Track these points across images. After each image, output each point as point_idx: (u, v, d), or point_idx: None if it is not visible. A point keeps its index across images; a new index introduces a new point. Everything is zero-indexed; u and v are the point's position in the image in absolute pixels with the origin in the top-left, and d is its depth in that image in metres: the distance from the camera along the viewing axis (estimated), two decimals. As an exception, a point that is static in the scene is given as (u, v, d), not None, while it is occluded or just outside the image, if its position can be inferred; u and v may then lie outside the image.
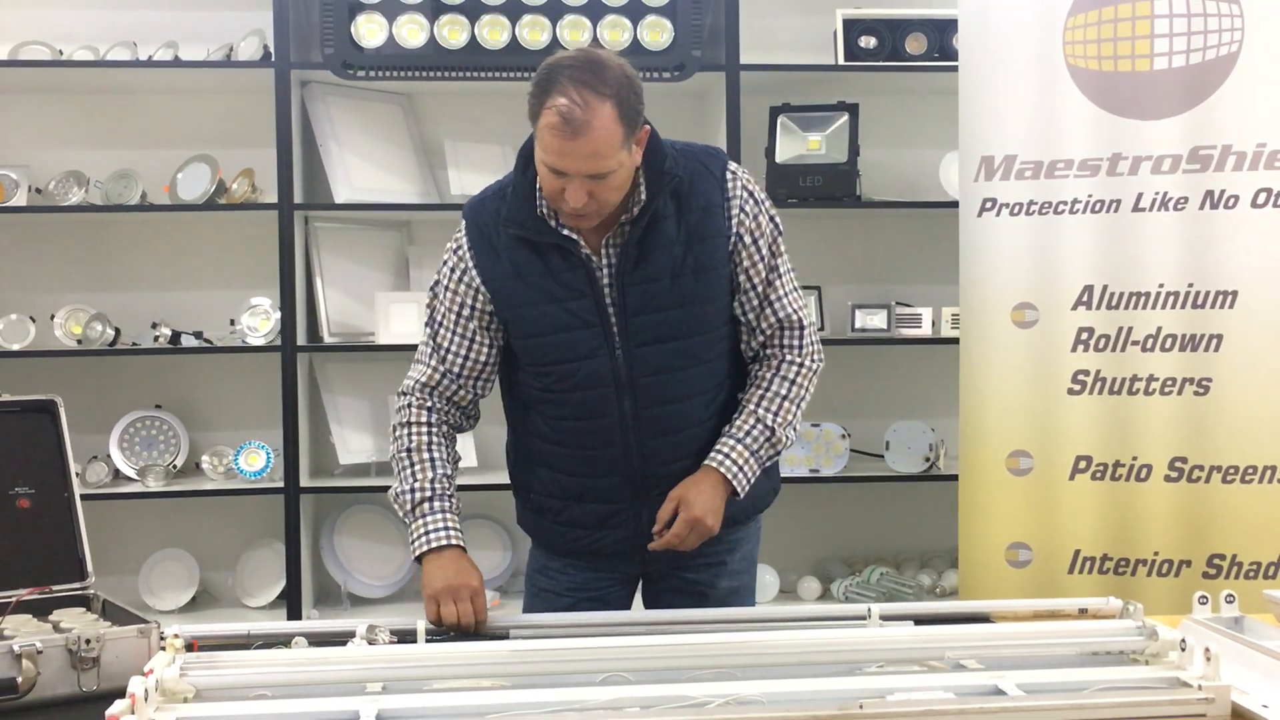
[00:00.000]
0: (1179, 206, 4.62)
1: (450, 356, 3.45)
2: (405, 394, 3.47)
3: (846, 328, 5.82)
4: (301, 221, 5.57)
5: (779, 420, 3.38)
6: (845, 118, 5.66)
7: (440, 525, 3.32)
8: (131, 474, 5.67)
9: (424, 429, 3.43)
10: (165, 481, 5.60)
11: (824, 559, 6.16)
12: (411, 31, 5.44)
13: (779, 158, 5.65)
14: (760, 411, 3.38)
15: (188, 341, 5.59)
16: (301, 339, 5.56)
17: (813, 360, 3.46)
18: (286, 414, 5.48)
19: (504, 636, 2.91)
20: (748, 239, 3.36)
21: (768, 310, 3.42)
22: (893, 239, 6.15)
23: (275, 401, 5.53)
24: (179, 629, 2.55)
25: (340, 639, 2.64)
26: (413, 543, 3.33)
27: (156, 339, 5.58)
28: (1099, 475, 4.75)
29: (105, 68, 5.57)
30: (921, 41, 5.71)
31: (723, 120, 5.57)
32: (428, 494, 3.35)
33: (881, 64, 5.71)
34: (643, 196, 3.24)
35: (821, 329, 5.80)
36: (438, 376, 3.45)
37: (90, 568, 3.15)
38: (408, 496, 3.37)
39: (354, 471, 5.73)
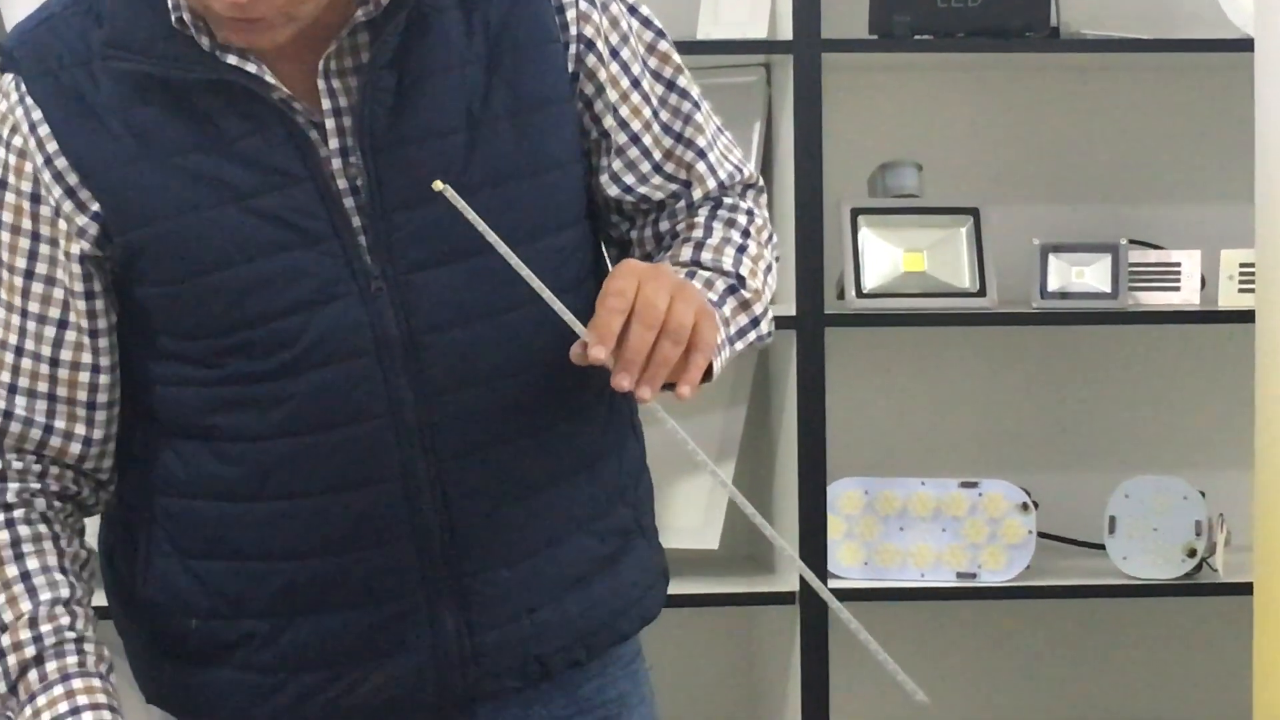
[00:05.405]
0: None
1: (31, 366, 2.37)
2: None
3: (1033, 289, 4.44)
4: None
5: (742, 267, 2.38)
6: (1026, -127, 4.31)
7: (66, 710, 2.31)
8: None
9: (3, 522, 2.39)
10: None
11: (992, 740, 4.89)
12: None
13: (893, -40, 4.36)
14: (702, 256, 2.38)
15: None
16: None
17: (766, 222, 2.52)
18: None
19: None
20: (603, 48, 2.37)
21: (681, 177, 2.40)
22: (1120, 117, 4.78)
23: None
24: None
25: None
26: None
27: None
28: None
29: None
30: None
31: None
32: (29, 654, 2.32)
33: None
34: None
35: (981, 292, 4.47)
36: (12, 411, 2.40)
37: None
38: None
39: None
